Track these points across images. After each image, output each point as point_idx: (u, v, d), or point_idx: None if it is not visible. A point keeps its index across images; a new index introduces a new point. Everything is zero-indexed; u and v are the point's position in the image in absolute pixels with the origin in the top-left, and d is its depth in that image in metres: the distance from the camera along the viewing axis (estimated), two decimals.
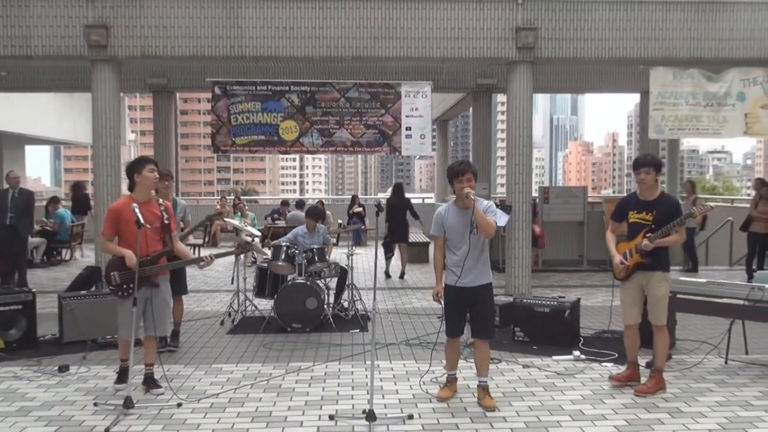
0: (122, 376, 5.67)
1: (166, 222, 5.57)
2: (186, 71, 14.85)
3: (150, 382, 5.62)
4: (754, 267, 11.28)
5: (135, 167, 5.52)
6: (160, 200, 5.67)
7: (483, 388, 5.38)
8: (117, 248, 5.45)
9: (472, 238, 5.24)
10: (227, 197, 19.64)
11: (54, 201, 15.10)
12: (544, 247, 13.10)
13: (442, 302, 5.38)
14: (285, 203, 16.30)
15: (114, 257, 5.49)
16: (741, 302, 6.18)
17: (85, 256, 15.08)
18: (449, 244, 5.39)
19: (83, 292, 7.56)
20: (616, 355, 6.54)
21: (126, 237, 5.45)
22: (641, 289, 5.66)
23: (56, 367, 6.21)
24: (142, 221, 5.24)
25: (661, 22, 10.28)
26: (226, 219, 9.89)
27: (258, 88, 10.55)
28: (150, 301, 5.48)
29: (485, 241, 5.35)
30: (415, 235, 16.07)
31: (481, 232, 5.21)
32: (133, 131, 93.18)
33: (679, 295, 6.43)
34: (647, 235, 5.50)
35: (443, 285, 5.36)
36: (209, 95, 10.73)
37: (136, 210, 5.31)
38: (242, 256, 8.83)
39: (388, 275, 12.23)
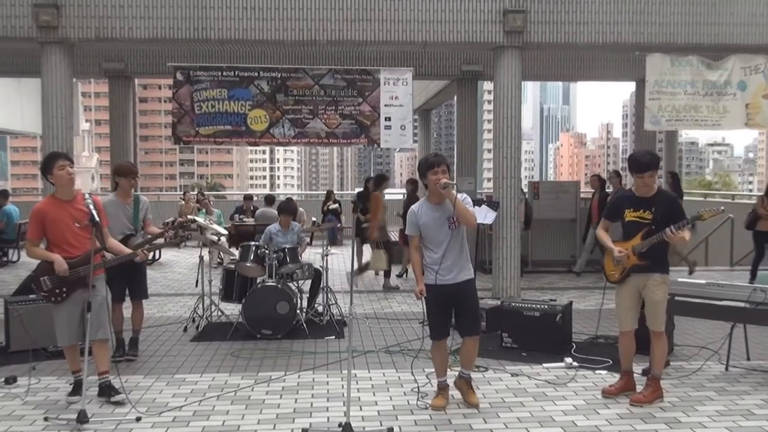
0: (76, 389, 5.63)
1: (97, 218, 5.50)
2: (145, 55, 14.72)
3: (109, 390, 5.56)
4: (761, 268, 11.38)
5: (45, 168, 5.55)
6: (87, 195, 5.64)
7: (466, 381, 5.52)
8: (45, 253, 5.48)
9: (450, 233, 5.33)
10: (190, 193, 19.48)
11: (2, 196, 14.88)
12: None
13: (424, 301, 5.43)
14: (248, 198, 16.21)
15: (43, 261, 5.49)
16: (742, 305, 6.26)
17: None
18: (426, 242, 5.45)
19: (32, 296, 7.46)
20: (611, 361, 6.60)
21: (54, 238, 5.47)
22: (638, 292, 5.71)
23: (2, 379, 6.14)
24: (97, 218, 5.24)
25: (659, 6, 10.38)
26: (188, 216, 9.82)
27: (224, 73, 10.47)
28: (86, 306, 5.40)
29: (464, 235, 5.43)
30: (395, 234, 16.09)
31: (463, 222, 5.30)
32: (87, 120, 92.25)
33: (677, 298, 6.50)
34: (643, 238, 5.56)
35: (423, 285, 5.40)
36: (170, 81, 10.64)
37: (91, 206, 5.30)
38: (206, 255, 8.78)
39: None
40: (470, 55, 14.69)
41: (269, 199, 15.39)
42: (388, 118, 10.62)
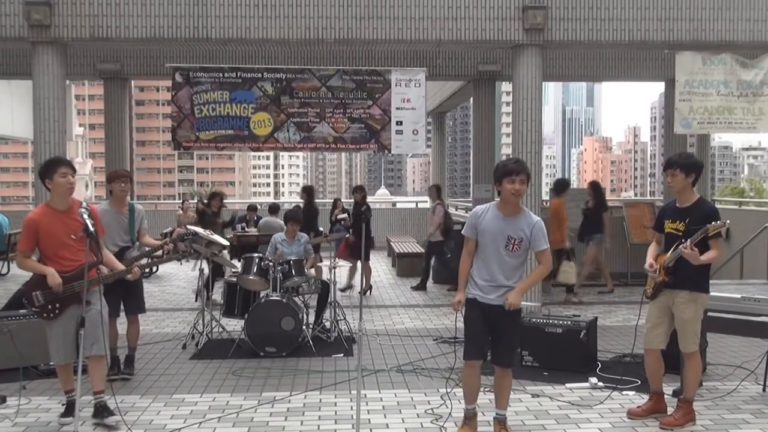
0: (69, 410, 5.64)
1: (92, 230, 5.50)
2: (142, 55, 14.80)
3: (103, 412, 5.55)
4: None
5: (46, 172, 5.53)
6: (84, 204, 5.66)
7: (500, 422, 5.34)
8: (37, 265, 5.49)
9: (505, 253, 5.16)
10: (189, 201, 19.54)
11: None
12: None
13: (462, 313, 5.31)
14: (252, 208, 16.26)
15: (35, 275, 5.50)
16: None
17: None
18: (479, 251, 5.28)
19: (22, 311, 7.50)
20: (639, 382, 6.57)
21: (47, 250, 5.48)
22: (668, 309, 5.68)
23: None
24: (91, 229, 5.24)
25: (689, 0, 10.37)
26: (189, 227, 9.85)
27: (225, 75, 10.54)
28: (80, 322, 5.35)
29: (524, 263, 5.27)
30: (407, 245, 16.09)
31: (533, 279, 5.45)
32: (81, 124, 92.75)
33: (710, 313, 6.46)
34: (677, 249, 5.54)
35: (465, 296, 5.28)
36: (169, 83, 10.71)
37: (85, 216, 5.31)
38: (206, 268, 8.81)
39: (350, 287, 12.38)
40: (487, 54, 14.70)
41: (273, 208, 15.42)
42: (399, 122, 10.63)
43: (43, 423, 5.70)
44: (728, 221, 5.64)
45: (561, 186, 12.13)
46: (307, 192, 13.39)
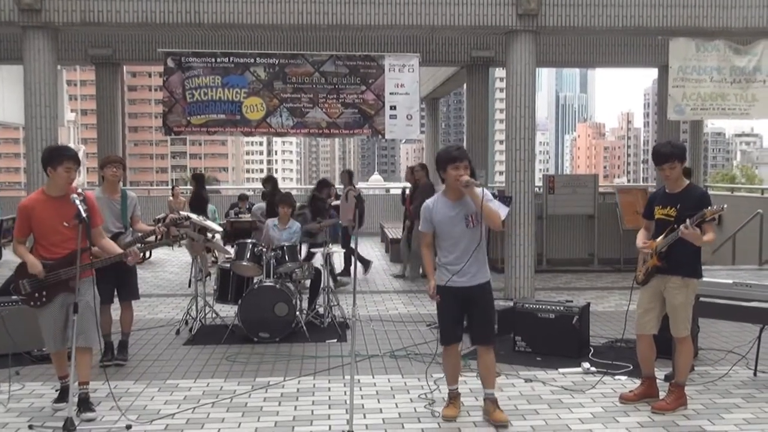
0: (63, 395, 5.64)
1: (84, 215, 5.42)
2: (134, 40, 14.73)
3: (82, 405, 5.45)
4: None
5: (50, 161, 5.46)
6: (79, 190, 5.63)
7: (492, 401, 5.43)
8: (23, 253, 5.47)
9: (468, 232, 5.30)
10: (179, 187, 19.46)
11: None
12: None
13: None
14: (243, 197, 16.24)
15: (23, 262, 5.49)
16: None
17: None
18: (440, 241, 5.44)
19: (14, 297, 7.48)
20: (631, 366, 6.60)
21: (39, 237, 5.46)
22: (660, 294, 5.71)
23: None
24: (84, 215, 5.22)
25: None
26: (181, 212, 9.83)
27: (218, 60, 10.48)
28: (71, 308, 5.32)
29: (483, 235, 5.39)
30: (395, 231, 16.09)
31: (488, 223, 5.28)
32: (72, 110, 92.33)
33: (702, 299, 6.49)
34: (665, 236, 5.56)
35: (435, 284, 5.40)
36: (161, 68, 10.65)
37: (77, 202, 5.29)
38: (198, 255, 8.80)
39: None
40: (481, 40, 14.68)
41: (266, 195, 15.39)
42: (393, 107, 10.61)
43: (37, 408, 5.71)
44: (725, 206, 5.67)
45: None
46: (271, 182, 13.28)
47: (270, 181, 13.38)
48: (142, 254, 6.20)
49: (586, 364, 6.74)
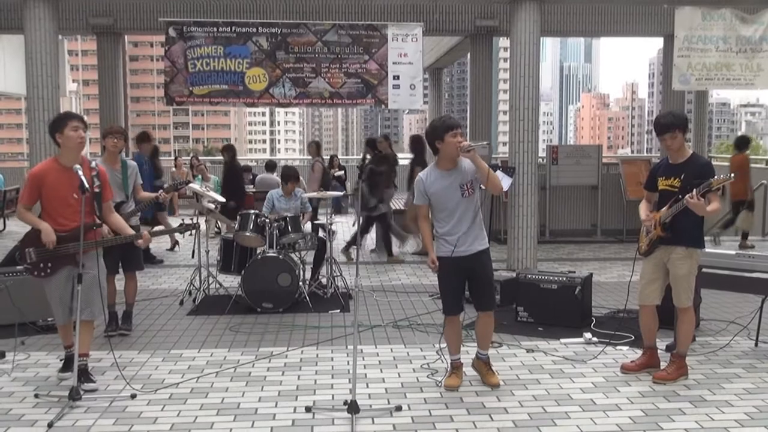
0: (68, 364, 5.67)
1: (98, 190, 5.45)
2: (135, 9, 14.61)
3: (82, 376, 5.43)
4: None
5: (55, 126, 5.44)
6: (93, 164, 5.60)
7: (484, 362, 5.56)
8: (34, 219, 5.39)
9: (463, 201, 5.34)
10: (183, 158, 19.41)
11: None
12: None
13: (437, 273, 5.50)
14: (246, 169, 16.23)
15: (31, 230, 5.42)
16: None
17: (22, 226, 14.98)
18: (436, 212, 5.46)
19: (20, 267, 7.51)
20: (633, 337, 6.63)
21: (48, 207, 5.40)
22: (663, 265, 5.71)
23: None
24: (86, 185, 5.19)
25: None
26: (186, 179, 9.85)
27: (220, 29, 10.41)
28: (76, 279, 5.30)
29: (479, 203, 5.44)
30: (398, 203, 16.09)
31: (491, 188, 5.32)
32: (74, 80, 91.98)
33: (704, 270, 6.50)
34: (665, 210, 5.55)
35: (434, 255, 5.42)
36: (163, 38, 10.59)
37: (80, 172, 5.25)
38: (203, 224, 8.81)
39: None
40: (485, 8, 14.54)
41: (270, 165, 15.39)
42: (396, 77, 10.55)
43: (42, 378, 5.75)
44: (733, 175, 5.65)
45: (744, 142, 12.89)
46: (230, 152, 13.18)
47: (229, 150, 13.27)
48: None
49: (588, 335, 6.76)
